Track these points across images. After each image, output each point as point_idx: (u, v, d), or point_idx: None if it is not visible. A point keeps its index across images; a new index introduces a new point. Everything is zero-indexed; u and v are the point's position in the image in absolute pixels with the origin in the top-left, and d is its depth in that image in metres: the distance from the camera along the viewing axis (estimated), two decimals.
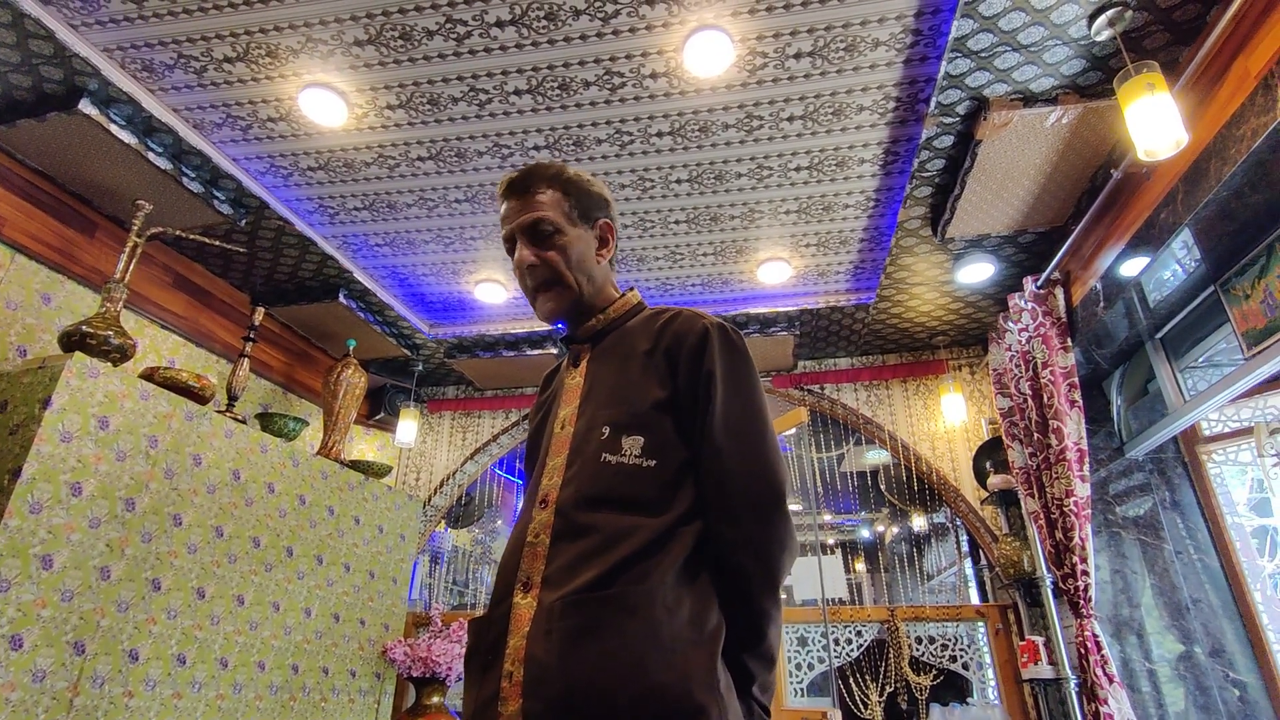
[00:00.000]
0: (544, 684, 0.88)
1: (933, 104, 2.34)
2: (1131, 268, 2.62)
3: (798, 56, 2.25)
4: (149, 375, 2.54)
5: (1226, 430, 3.14)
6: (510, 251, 1.20)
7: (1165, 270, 2.65)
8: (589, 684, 0.86)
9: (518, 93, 2.41)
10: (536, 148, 2.66)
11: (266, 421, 3.15)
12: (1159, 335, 3.03)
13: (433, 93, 2.41)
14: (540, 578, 0.96)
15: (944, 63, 2.18)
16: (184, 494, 2.50)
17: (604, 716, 0.85)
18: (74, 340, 2.34)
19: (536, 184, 1.17)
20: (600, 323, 1.19)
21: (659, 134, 2.58)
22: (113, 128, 2.46)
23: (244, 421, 2.88)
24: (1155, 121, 1.90)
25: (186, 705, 2.41)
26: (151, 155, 2.59)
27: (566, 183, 1.18)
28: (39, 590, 2.02)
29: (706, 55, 2.22)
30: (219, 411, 2.79)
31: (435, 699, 3.37)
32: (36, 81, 2.36)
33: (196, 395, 2.64)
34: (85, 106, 2.38)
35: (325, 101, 2.43)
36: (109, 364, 2.35)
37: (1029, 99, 2.32)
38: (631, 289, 1.26)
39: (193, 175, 2.76)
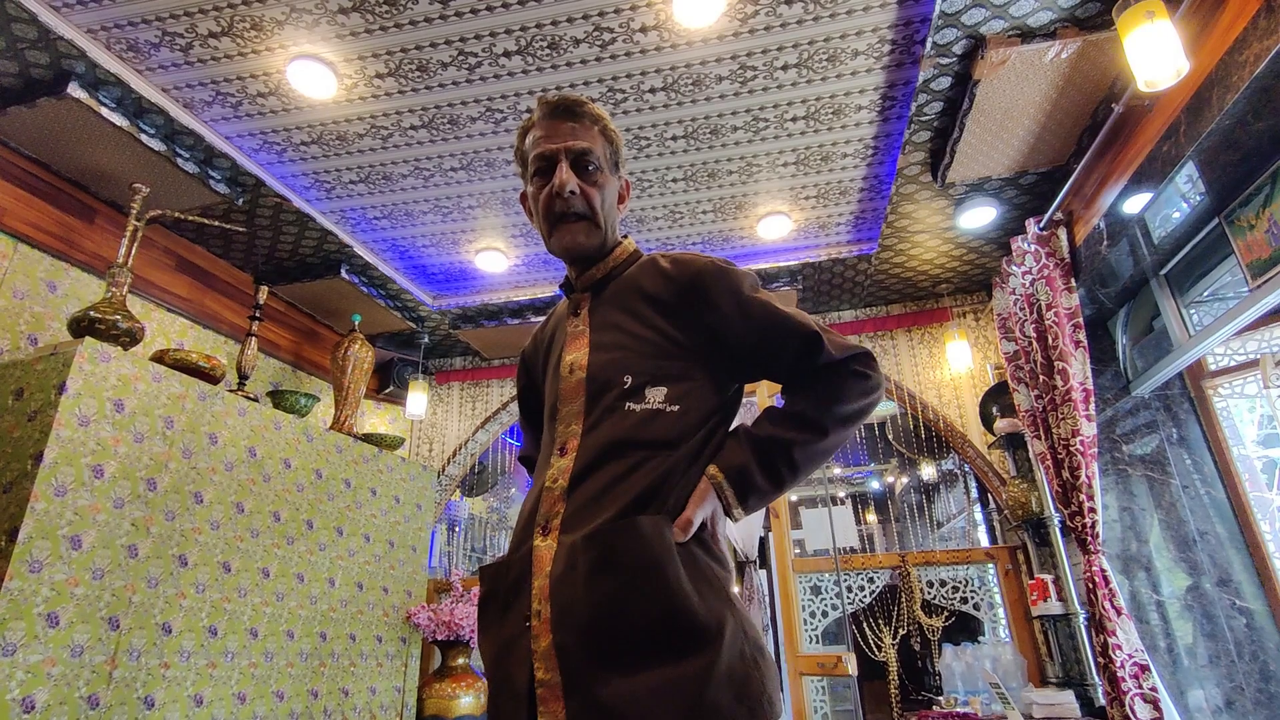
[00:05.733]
0: (572, 615, 0.91)
1: (929, 45, 2.30)
2: (1134, 204, 2.60)
3: (789, 2, 2.20)
4: (159, 358, 2.57)
5: (1232, 364, 3.13)
6: (540, 172, 1.15)
7: (1169, 205, 2.63)
8: (612, 610, 0.89)
9: (507, 54, 2.38)
10: (529, 111, 2.63)
11: (278, 399, 3.19)
12: (1163, 271, 3.01)
13: (421, 59, 2.39)
14: (559, 520, 0.98)
15: (939, 1, 2.14)
16: (203, 472, 2.55)
17: (629, 639, 0.88)
18: (83, 326, 2.36)
19: (587, 117, 1.16)
20: (601, 271, 1.19)
21: (652, 90, 2.54)
22: (103, 110, 2.45)
23: (256, 400, 2.92)
24: (1156, 50, 1.86)
25: (221, 674, 2.49)
26: (144, 137, 2.58)
27: (608, 130, 1.19)
28: (70, 569, 2.08)
29: (696, 4, 2.18)
30: (231, 391, 2.83)
31: (460, 660, 3.47)
32: (23, 67, 2.34)
33: (208, 375, 2.67)
34: (74, 90, 2.37)
35: (314, 73, 2.41)
36: (119, 348, 2.37)
37: (1027, 34, 2.28)
38: (626, 236, 1.26)
39: (187, 155, 2.75)
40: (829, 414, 1.04)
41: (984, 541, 4.61)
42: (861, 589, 3.70)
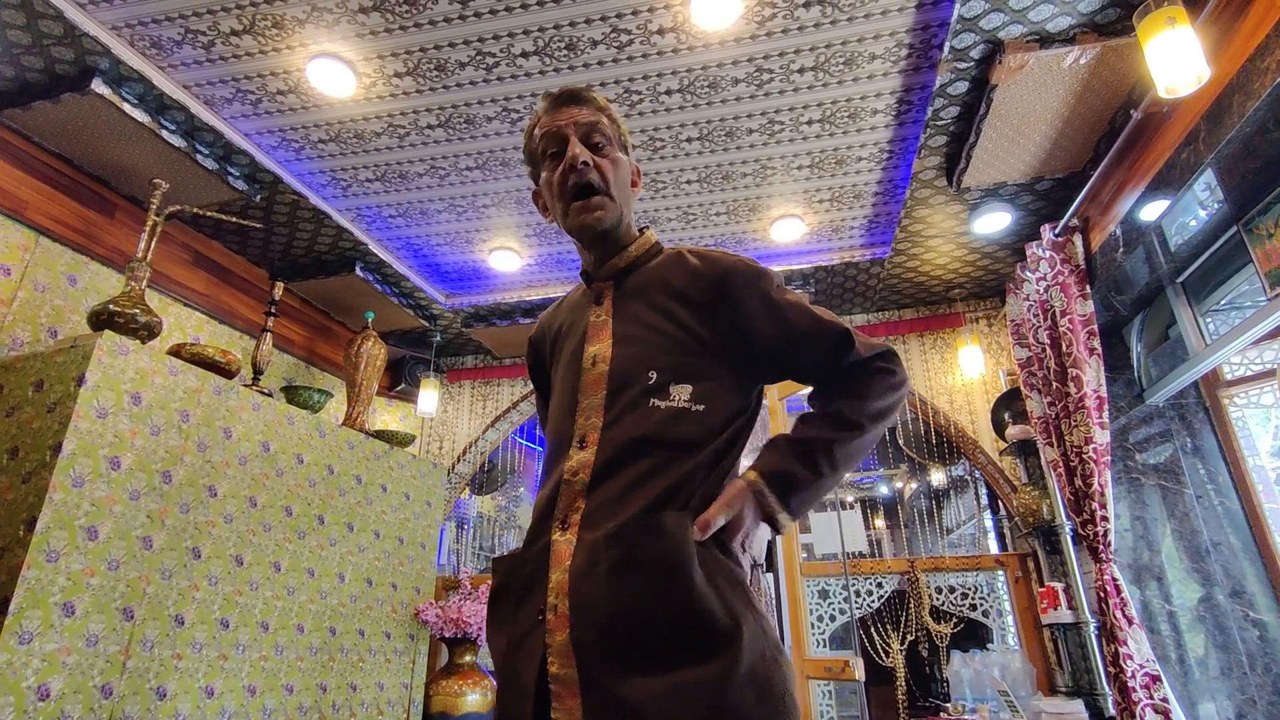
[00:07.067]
0: (591, 613, 0.90)
1: (946, 49, 2.30)
2: (1152, 211, 2.58)
3: (807, 5, 2.21)
4: (176, 351, 2.60)
5: (1248, 374, 3.11)
6: (553, 156, 1.15)
7: (1186, 212, 2.61)
8: (634, 610, 0.89)
9: (525, 55, 2.39)
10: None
11: (292, 394, 3.21)
12: (1180, 279, 2.99)
13: (440, 58, 2.40)
14: (580, 516, 0.97)
15: (957, 5, 2.13)
16: (217, 466, 2.57)
17: (650, 638, 0.88)
18: (103, 319, 2.39)
19: (591, 101, 1.17)
20: (623, 261, 1.17)
21: (668, 92, 2.55)
22: (125, 106, 2.48)
23: (270, 395, 2.94)
24: (1176, 57, 1.85)
25: (232, 666, 2.51)
26: (165, 133, 2.61)
27: (614, 117, 1.19)
28: (86, 560, 2.11)
29: (714, 7, 2.18)
30: (245, 385, 2.85)
31: (468, 658, 3.48)
32: (48, 63, 2.38)
33: (223, 370, 2.69)
34: (97, 86, 2.40)
35: (333, 72, 2.43)
36: (137, 341, 2.40)
37: (1045, 40, 2.27)
38: (647, 228, 1.24)
39: (206, 152, 2.78)
40: (863, 411, 1.04)
41: (994, 548, 4.59)
42: (869, 594, 3.68)
